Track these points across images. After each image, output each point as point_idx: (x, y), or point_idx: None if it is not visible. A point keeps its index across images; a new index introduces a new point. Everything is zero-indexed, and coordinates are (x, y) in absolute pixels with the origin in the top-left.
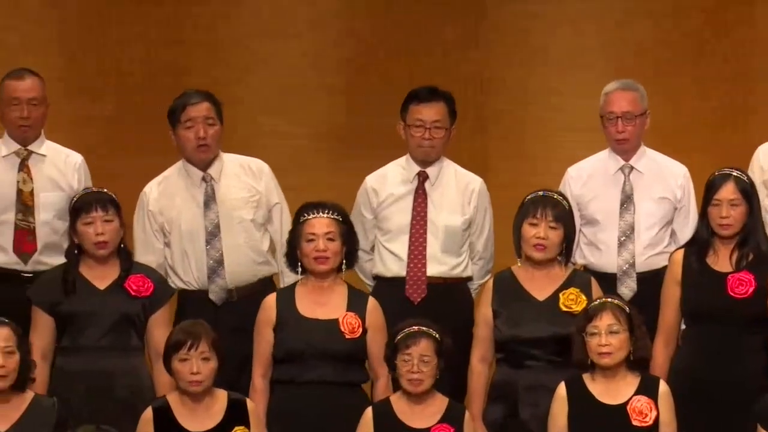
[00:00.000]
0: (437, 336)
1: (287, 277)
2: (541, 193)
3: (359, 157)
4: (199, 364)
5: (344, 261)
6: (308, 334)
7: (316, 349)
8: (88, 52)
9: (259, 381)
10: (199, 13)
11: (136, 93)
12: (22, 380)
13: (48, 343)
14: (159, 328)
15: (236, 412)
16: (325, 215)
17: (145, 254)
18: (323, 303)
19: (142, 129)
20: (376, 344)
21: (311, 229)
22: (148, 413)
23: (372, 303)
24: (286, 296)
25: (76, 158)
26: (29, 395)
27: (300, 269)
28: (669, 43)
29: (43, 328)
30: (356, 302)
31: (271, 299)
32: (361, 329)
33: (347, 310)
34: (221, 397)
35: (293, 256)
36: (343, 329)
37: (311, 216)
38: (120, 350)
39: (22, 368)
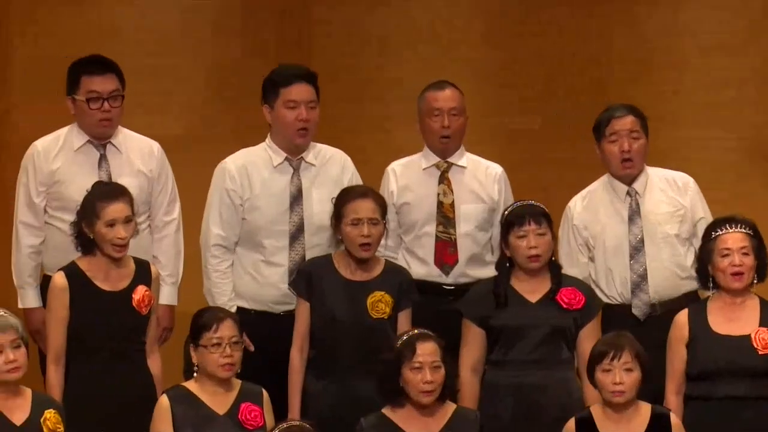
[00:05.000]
0: None
1: None
2: None
3: None
4: (621, 374)
5: (755, 275)
6: (721, 350)
7: (730, 366)
8: (517, 67)
9: (673, 398)
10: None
11: (562, 108)
12: (445, 393)
13: (479, 357)
14: (589, 340)
15: (659, 427)
16: (739, 230)
17: (569, 268)
18: (735, 318)
19: (567, 143)
20: None
21: (725, 244)
22: (570, 424)
23: None
24: (699, 312)
25: (496, 169)
26: (451, 406)
27: (711, 284)
28: None
29: (474, 342)
30: None
31: (683, 316)
32: None
33: (760, 325)
34: (644, 409)
35: (704, 272)
36: (755, 345)
37: (724, 231)
38: (550, 363)
39: (447, 381)
